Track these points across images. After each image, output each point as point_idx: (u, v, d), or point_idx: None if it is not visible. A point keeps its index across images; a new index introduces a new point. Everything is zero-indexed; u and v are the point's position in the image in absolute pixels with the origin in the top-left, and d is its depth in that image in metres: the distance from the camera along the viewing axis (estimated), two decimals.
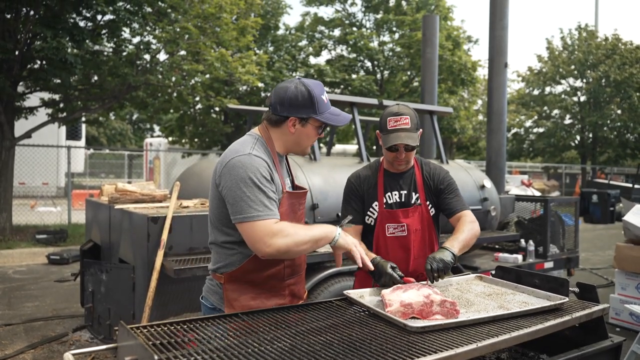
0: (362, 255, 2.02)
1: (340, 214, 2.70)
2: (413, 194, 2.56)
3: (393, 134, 2.40)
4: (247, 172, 1.89)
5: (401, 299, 1.85)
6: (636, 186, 19.90)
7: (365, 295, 2.09)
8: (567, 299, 1.99)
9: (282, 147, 2.09)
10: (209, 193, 2.07)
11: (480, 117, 26.86)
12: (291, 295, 2.14)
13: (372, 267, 2.06)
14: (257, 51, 17.44)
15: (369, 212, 2.57)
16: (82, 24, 9.80)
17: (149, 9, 10.45)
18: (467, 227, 2.39)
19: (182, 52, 11.89)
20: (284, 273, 2.07)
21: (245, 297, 2.02)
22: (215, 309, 2.08)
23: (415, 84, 19.09)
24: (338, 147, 22.92)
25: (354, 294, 2.08)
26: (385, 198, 2.55)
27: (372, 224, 2.56)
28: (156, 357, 1.33)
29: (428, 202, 2.57)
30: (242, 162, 1.90)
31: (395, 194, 2.56)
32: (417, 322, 1.72)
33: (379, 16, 19.77)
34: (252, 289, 2.04)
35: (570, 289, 2.14)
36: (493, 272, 2.49)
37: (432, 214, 2.58)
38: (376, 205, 2.55)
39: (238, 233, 1.96)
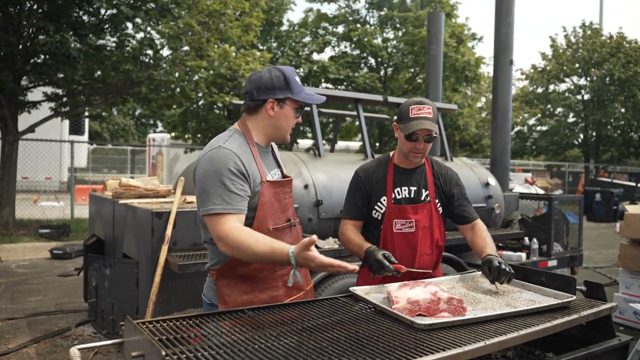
0: (333, 261, 1.81)
1: (342, 210, 2.67)
2: (423, 190, 2.54)
3: (416, 120, 2.37)
4: (212, 165, 1.92)
5: (408, 296, 1.84)
6: (639, 185, 19.85)
7: (371, 292, 2.07)
8: (574, 297, 1.97)
9: (262, 136, 2.11)
10: None
11: (484, 115, 26.79)
12: (286, 286, 2.11)
13: (350, 267, 1.82)
14: (261, 47, 17.42)
15: (376, 207, 2.55)
16: (85, 18, 9.79)
17: (152, 5, 10.43)
18: (490, 235, 2.50)
19: (186, 48, 11.87)
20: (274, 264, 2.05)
21: (237, 291, 2.03)
22: (212, 305, 2.09)
23: (419, 81, 19.04)
24: (341, 144, 22.94)
25: (359, 290, 2.07)
26: (394, 193, 2.53)
27: (380, 218, 2.54)
28: (163, 352, 1.33)
29: (437, 200, 2.56)
30: (210, 156, 1.94)
31: (405, 190, 2.53)
32: (424, 320, 1.71)
33: (382, 13, 19.71)
34: (244, 283, 2.03)
35: (577, 287, 2.13)
36: None
37: (440, 212, 2.58)
38: (384, 200, 2.53)
39: None
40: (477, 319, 1.74)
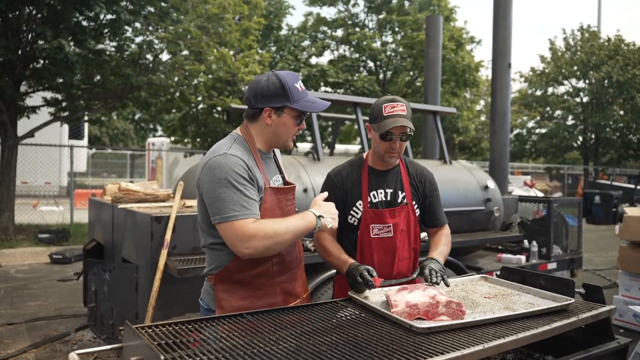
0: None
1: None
2: (399, 192, 2.45)
3: (390, 118, 2.27)
4: (222, 172, 1.89)
5: (407, 299, 1.84)
6: (638, 187, 19.87)
7: (370, 296, 2.08)
8: (573, 300, 1.98)
9: (263, 143, 2.09)
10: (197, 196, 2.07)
11: (483, 118, 26.83)
12: (284, 293, 2.11)
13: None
14: (260, 51, 17.44)
15: (352, 212, 2.44)
16: (84, 23, 9.81)
17: (151, 9, 10.45)
18: (449, 240, 2.50)
19: (185, 52, 11.88)
20: (272, 271, 2.05)
21: (235, 297, 2.02)
22: (210, 309, 2.08)
23: (418, 84, 19.08)
24: (340, 148, 22.93)
25: (358, 294, 2.07)
26: (370, 197, 2.43)
27: (356, 224, 2.43)
28: (162, 357, 1.33)
29: (414, 202, 2.48)
30: (217, 163, 1.91)
31: (381, 193, 2.44)
32: (423, 323, 1.71)
33: (381, 16, 19.77)
34: (241, 289, 2.03)
35: (576, 290, 2.13)
36: (497, 272, 2.48)
37: (417, 214, 2.50)
38: (360, 205, 2.42)
39: None
40: (476, 322, 1.74)
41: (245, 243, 1.85)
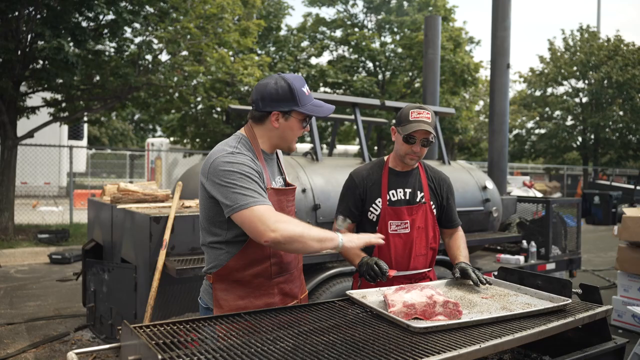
0: (372, 239, 2.09)
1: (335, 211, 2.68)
2: (418, 192, 2.58)
3: (415, 123, 2.43)
4: (233, 167, 1.90)
5: (404, 299, 1.85)
6: (638, 187, 19.88)
7: (367, 296, 2.08)
8: (570, 301, 1.98)
9: (267, 144, 2.10)
10: (198, 195, 2.08)
11: (482, 118, 26.84)
12: (282, 294, 2.12)
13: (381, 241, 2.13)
14: (260, 52, 17.45)
15: (371, 209, 2.57)
16: (84, 24, 9.81)
17: (150, 9, 10.45)
18: (465, 242, 2.66)
19: (184, 53, 11.89)
20: (270, 271, 2.06)
21: (233, 296, 2.03)
22: (208, 308, 2.10)
23: (417, 84, 19.08)
24: (339, 148, 22.96)
25: (356, 294, 2.08)
26: (389, 195, 2.56)
27: (374, 219, 2.56)
28: (160, 356, 1.33)
29: (432, 203, 2.60)
30: (228, 159, 1.93)
31: (400, 192, 2.57)
32: (420, 323, 1.72)
33: (380, 17, 19.77)
34: (239, 288, 2.04)
35: (573, 290, 2.14)
36: (495, 273, 2.50)
37: (434, 213, 2.62)
38: (379, 202, 2.55)
39: (225, 232, 1.98)
40: (473, 322, 1.75)
41: (271, 225, 1.79)
